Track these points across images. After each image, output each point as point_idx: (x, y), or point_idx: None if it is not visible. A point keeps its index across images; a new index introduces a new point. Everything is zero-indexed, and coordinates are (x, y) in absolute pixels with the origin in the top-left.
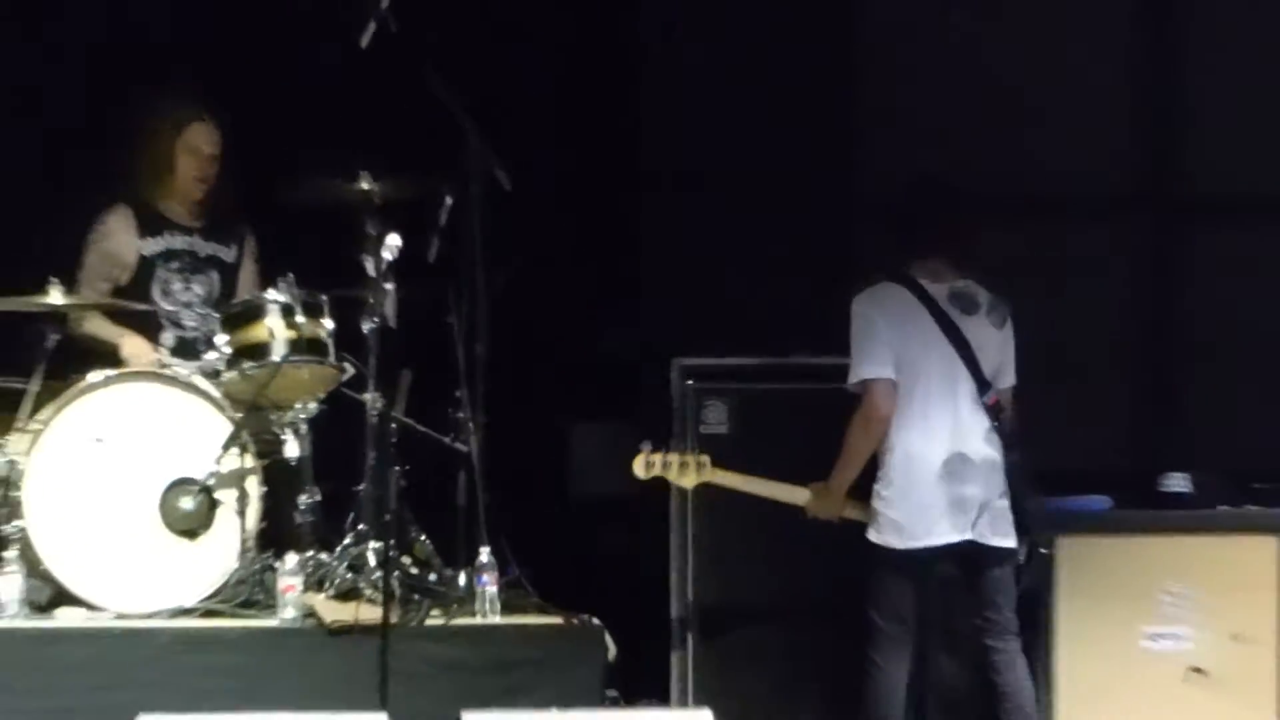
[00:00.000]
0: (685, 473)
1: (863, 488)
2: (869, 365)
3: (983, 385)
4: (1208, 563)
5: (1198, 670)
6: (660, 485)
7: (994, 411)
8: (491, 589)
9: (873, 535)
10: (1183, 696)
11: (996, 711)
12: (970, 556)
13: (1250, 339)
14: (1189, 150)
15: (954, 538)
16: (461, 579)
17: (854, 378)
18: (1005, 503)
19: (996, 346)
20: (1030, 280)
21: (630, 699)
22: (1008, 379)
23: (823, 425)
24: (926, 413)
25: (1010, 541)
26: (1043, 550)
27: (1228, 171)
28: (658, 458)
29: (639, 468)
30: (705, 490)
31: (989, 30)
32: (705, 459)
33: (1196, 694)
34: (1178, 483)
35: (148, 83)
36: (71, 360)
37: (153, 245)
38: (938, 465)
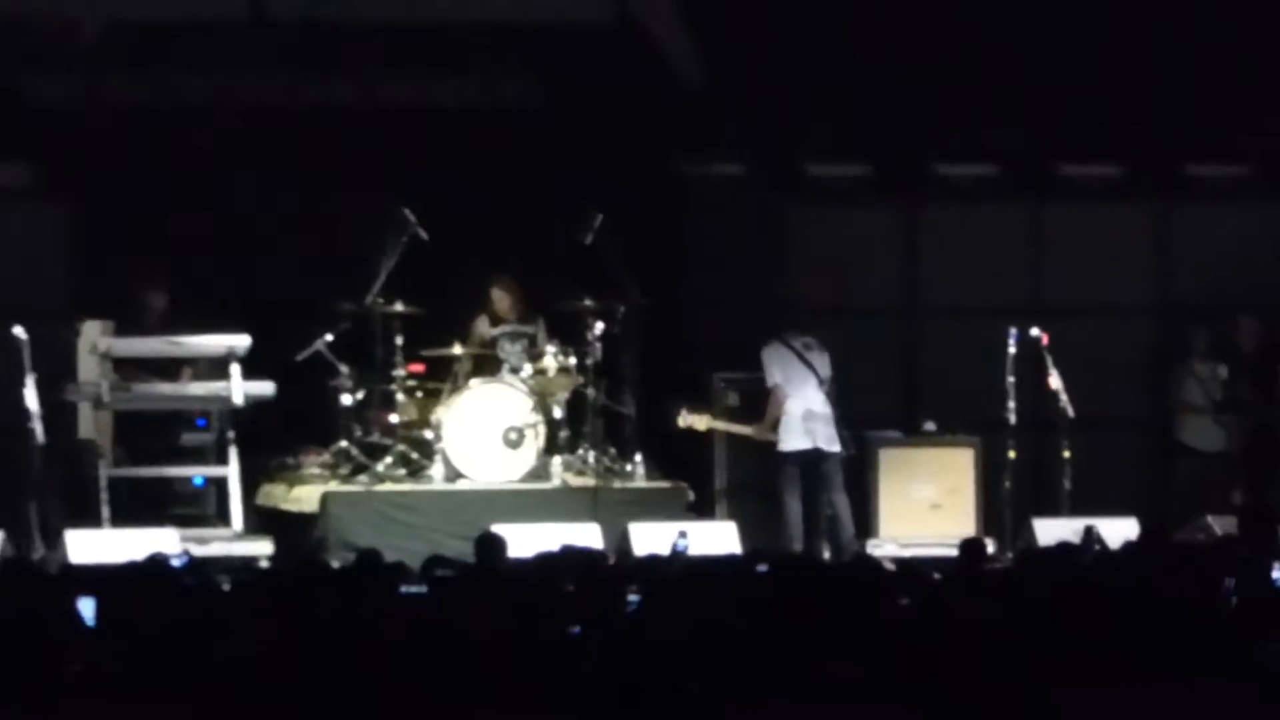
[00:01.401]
0: (699, 422)
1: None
2: (774, 377)
3: (821, 381)
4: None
5: (937, 506)
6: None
7: (828, 393)
8: (640, 468)
9: (779, 446)
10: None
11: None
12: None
13: None
14: None
15: (808, 445)
16: (628, 467)
17: (770, 381)
18: (832, 430)
19: (824, 364)
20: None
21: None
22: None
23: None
24: (800, 394)
25: (836, 448)
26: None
27: None
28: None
29: (680, 422)
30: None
31: None
32: (707, 415)
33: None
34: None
35: None
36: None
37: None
38: (802, 414)
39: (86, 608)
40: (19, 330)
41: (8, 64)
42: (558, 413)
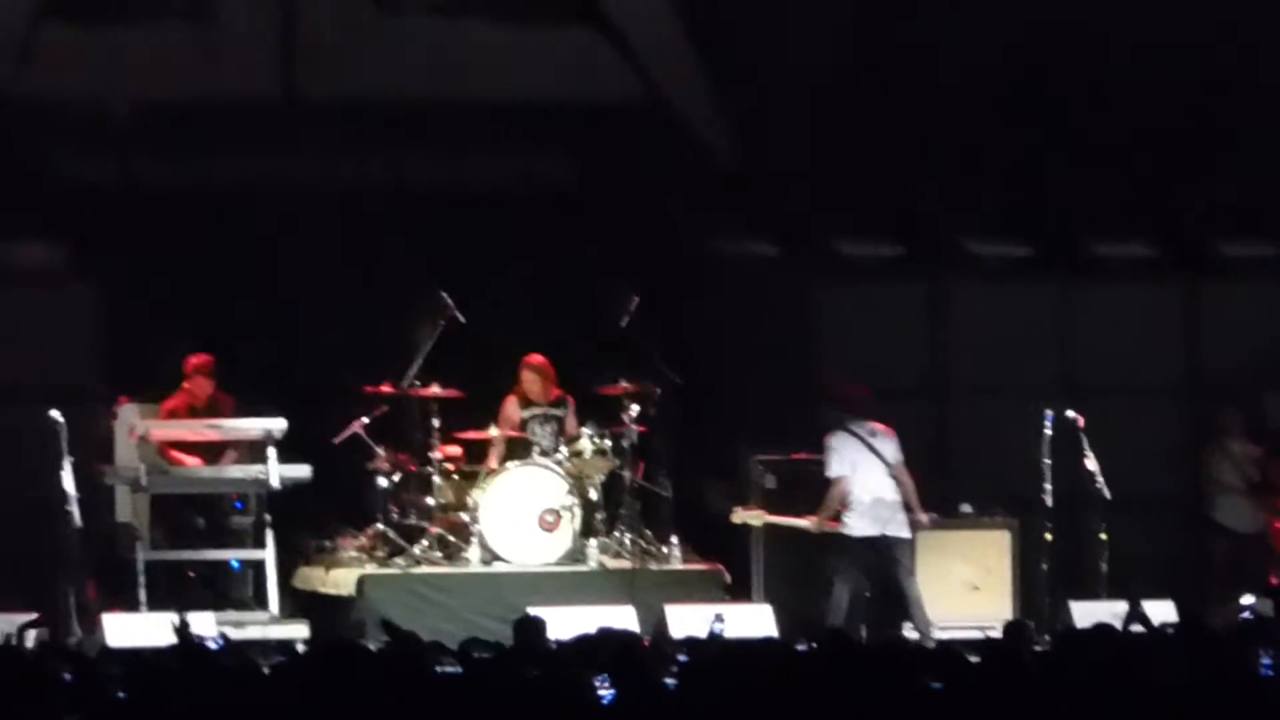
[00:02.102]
0: (754, 518)
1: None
2: (838, 469)
3: (888, 466)
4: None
5: (976, 588)
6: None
7: (894, 477)
8: (677, 550)
9: (845, 531)
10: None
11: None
12: (885, 541)
13: None
14: None
15: (876, 532)
16: (664, 549)
17: (832, 473)
18: (902, 515)
19: (890, 449)
20: None
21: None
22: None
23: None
24: (866, 480)
25: (905, 533)
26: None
27: None
28: (740, 512)
29: (735, 518)
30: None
31: None
32: (761, 510)
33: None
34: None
35: None
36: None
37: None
38: (871, 501)
39: None
40: (55, 414)
41: (42, 145)
42: (594, 495)
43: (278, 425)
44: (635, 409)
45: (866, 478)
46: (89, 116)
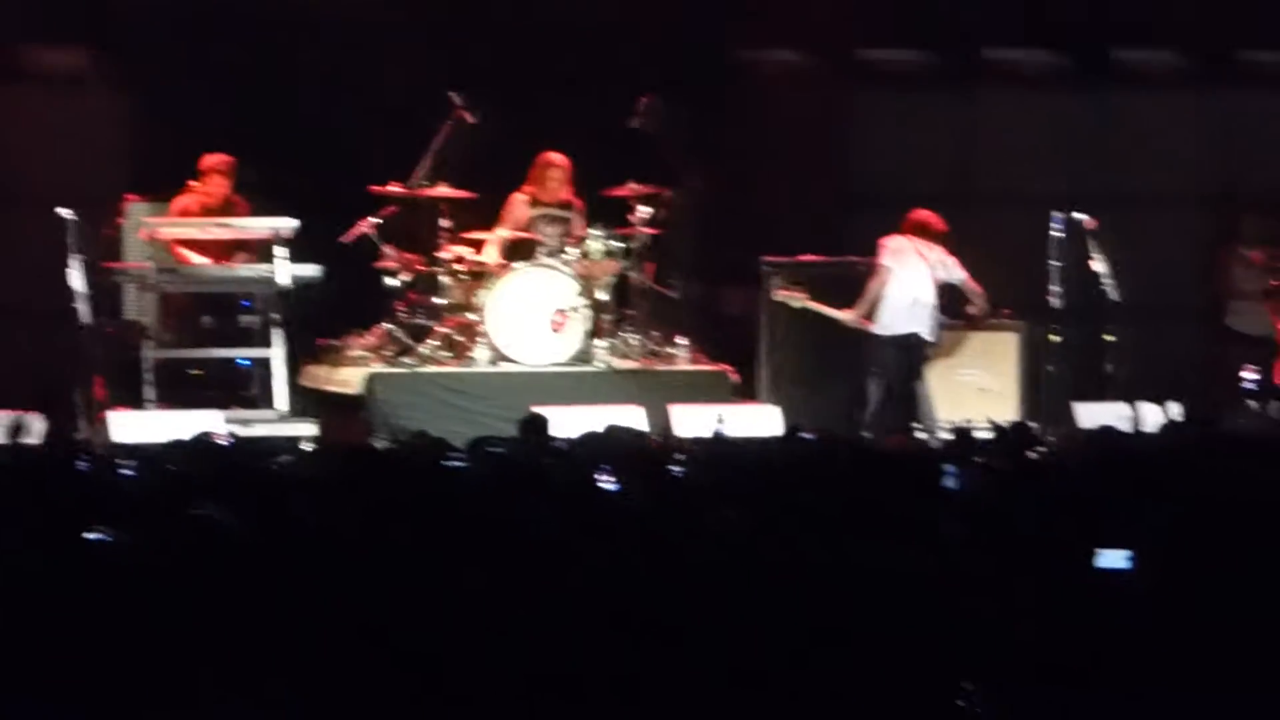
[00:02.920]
0: (794, 300)
1: None
2: (885, 260)
3: (931, 269)
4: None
5: (983, 390)
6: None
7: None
8: (685, 352)
9: (876, 330)
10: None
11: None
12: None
13: None
14: None
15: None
16: (672, 350)
17: (879, 263)
18: (933, 320)
19: (941, 264)
20: None
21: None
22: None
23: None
24: (908, 279)
25: (932, 337)
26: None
27: None
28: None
29: (777, 295)
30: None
31: None
32: (804, 293)
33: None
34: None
35: None
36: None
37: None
38: (910, 301)
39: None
40: (66, 211)
41: None
42: (602, 296)
43: (287, 225)
44: (646, 211)
45: (911, 276)
46: None
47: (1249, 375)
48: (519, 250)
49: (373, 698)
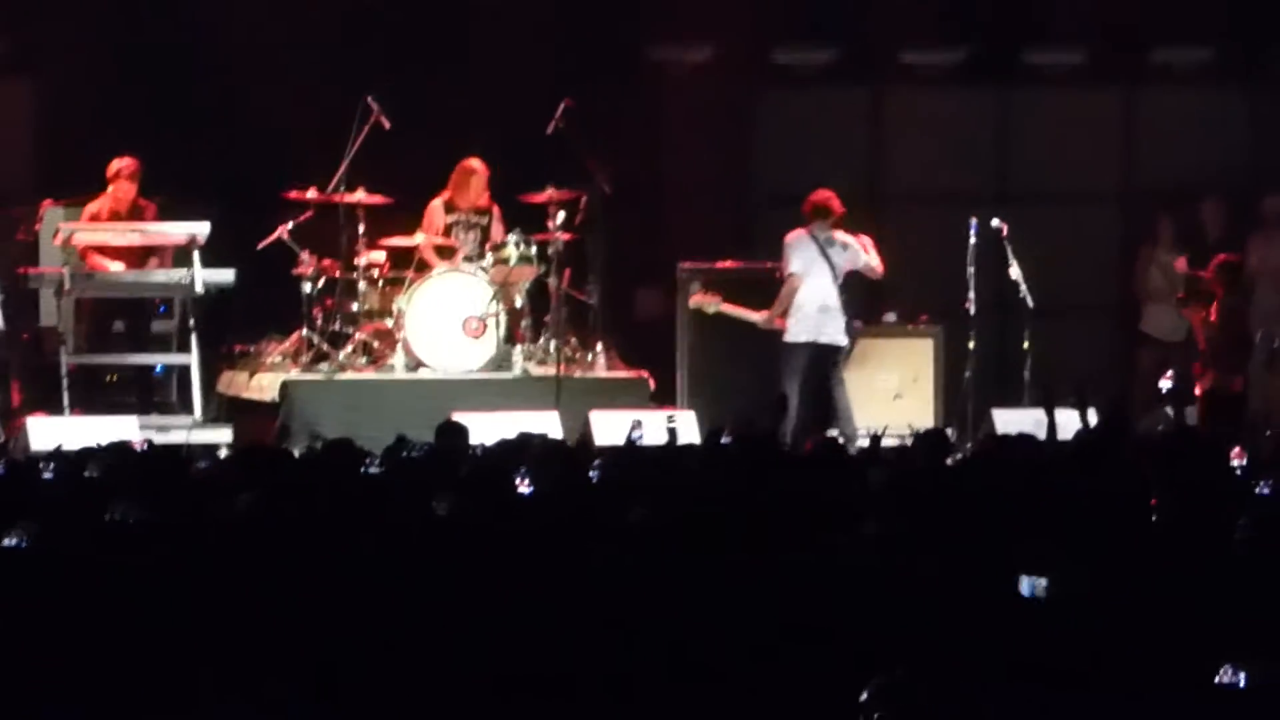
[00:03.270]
0: (709, 305)
1: None
2: (792, 266)
3: (836, 275)
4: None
5: (898, 395)
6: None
7: (841, 287)
8: (602, 357)
9: (787, 336)
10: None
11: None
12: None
13: None
14: None
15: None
16: (589, 356)
17: (787, 270)
18: (842, 323)
19: (843, 258)
20: None
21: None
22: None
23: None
24: (815, 285)
25: (843, 341)
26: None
27: None
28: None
29: (691, 301)
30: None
31: None
32: (718, 298)
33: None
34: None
35: None
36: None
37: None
38: (817, 307)
39: None
40: None
41: None
42: (519, 302)
43: (202, 229)
44: (562, 216)
45: (816, 283)
46: None
47: (1165, 381)
48: (438, 255)
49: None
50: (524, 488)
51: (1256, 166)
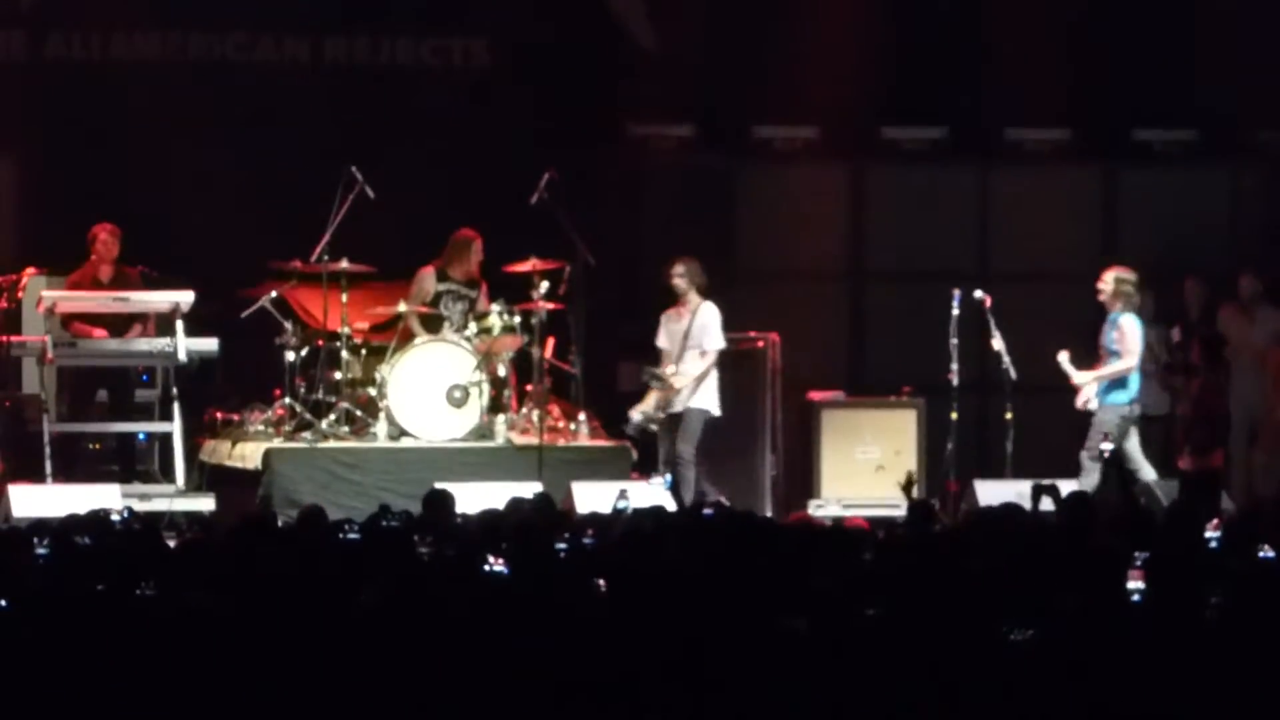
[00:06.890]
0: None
1: None
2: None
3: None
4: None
5: (881, 467)
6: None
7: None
8: (585, 427)
9: (714, 411)
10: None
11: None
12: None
13: None
14: None
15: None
16: (572, 426)
17: (718, 345)
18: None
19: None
20: None
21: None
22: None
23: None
24: None
25: None
26: None
27: None
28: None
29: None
30: None
31: None
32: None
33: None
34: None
35: None
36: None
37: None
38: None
39: None
40: None
41: None
42: (502, 371)
43: (185, 298)
44: (545, 286)
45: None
46: None
47: (1105, 444)
48: (423, 325)
49: None
50: (498, 567)
51: (1236, 245)
